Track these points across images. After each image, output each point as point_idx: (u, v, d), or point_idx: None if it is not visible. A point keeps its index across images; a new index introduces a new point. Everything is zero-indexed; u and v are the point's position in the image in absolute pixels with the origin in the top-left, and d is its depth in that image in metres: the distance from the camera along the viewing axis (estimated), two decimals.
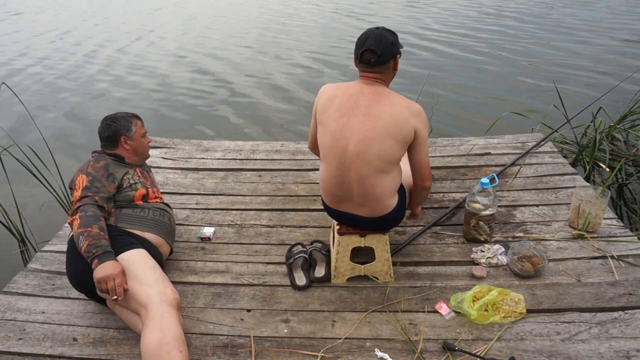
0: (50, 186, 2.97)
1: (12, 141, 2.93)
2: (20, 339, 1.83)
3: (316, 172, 2.95)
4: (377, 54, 1.72)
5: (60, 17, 10.51)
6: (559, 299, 1.90)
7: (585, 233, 2.24)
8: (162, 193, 2.44)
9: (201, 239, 2.38)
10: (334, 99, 1.81)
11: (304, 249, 2.17)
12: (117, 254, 1.75)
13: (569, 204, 2.41)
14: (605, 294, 1.91)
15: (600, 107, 3.36)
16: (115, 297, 1.64)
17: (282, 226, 2.48)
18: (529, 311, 1.84)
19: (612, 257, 2.10)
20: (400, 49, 1.80)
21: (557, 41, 6.98)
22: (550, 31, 7.54)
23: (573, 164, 3.15)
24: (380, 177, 1.80)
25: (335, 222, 2.06)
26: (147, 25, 9.28)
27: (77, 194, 1.86)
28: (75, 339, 1.83)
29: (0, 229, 2.87)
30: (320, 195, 2.58)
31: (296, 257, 2.11)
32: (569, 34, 7.33)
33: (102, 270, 1.65)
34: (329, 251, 2.17)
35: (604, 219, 2.31)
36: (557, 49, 6.61)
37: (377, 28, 1.77)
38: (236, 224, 2.50)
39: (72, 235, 1.83)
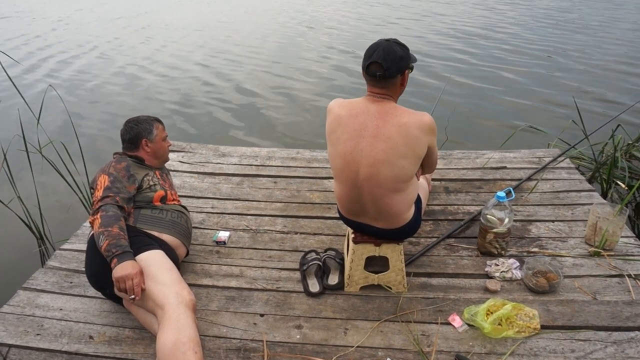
0: (72, 186, 3.03)
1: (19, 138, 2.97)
2: (38, 334, 1.87)
3: (331, 180, 2.97)
4: (384, 68, 1.64)
5: (36, 22, 10.61)
6: (574, 316, 1.88)
7: (602, 251, 2.22)
8: (179, 196, 2.48)
9: (216, 242, 2.41)
10: (340, 119, 1.74)
11: (318, 256, 2.18)
12: (135, 254, 1.78)
13: (586, 220, 2.39)
14: (621, 313, 1.89)
15: (619, 125, 3.34)
16: (133, 296, 1.67)
17: (296, 233, 2.50)
18: (543, 327, 1.83)
19: (629, 275, 2.08)
20: (413, 64, 1.73)
21: (576, 57, 6.95)
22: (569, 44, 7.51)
23: (589, 181, 3.12)
24: (395, 197, 1.78)
25: (350, 231, 2.08)
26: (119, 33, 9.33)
27: (99, 193, 1.90)
28: (91, 337, 1.86)
29: (20, 226, 2.93)
30: (335, 204, 2.61)
31: (310, 264, 2.12)
32: (590, 49, 7.30)
33: (121, 270, 1.68)
34: (342, 259, 2.18)
35: (622, 237, 2.28)
36: (576, 65, 6.58)
37: (387, 40, 1.68)
38: (251, 229, 2.53)
39: (92, 234, 1.87)
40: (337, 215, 2.16)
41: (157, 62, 7.35)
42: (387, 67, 1.64)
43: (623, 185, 3.04)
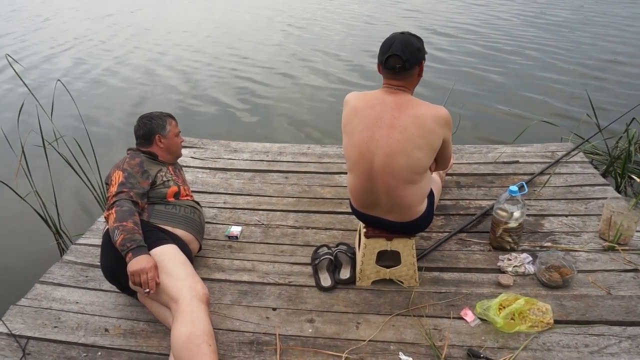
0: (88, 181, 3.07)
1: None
2: (55, 326, 1.90)
3: (342, 175, 2.97)
4: (403, 60, 1.65)
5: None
6: (588, 311, 1.87)
7: (616, 245, 2.20)
8: (191, 192, 2.50)
9: (228, 237, 2.43)
10: (357, 110, 1.76)
11: (330, 251, 2.19)
12: (149, 248, 1.80)
13: (600, 215, 2.37)
14: (636, 308, 1.87)
15: (634, 118, 3.29)
16: (147, 290, 1.69)
17: (307, 228, 2.51)
18: (556, 322, 1.82)
19: None
20: (425, 54, 1.75)
21: (591, 49, 6.85)
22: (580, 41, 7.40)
23: (604, 175, 3.09)
24: (408, 188, 1.78)
25: (361, 225, 2.08)
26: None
27: (113, 189, 1.92)
28: (106, 330, 1.89)
29: (37, 220, 2.98)
30: (346, 199, 2.61)
31: (322, 258, 2.13)
32: (602, 44, 7.19)
33: (136, 264, 1.70)
34: (354, 254, 2.18)
35: (636, 231, 2.26)
36: (589, 58, 6.49)
37: (402, 33, 1.71)
38: (263, 224, 2.54)
39: (107, 229, 1.90)
40: (349, 210, 2.17)
41: (159, 61, 7.36)
42: (406, 59, 1.66)
43: (638, 179, 3.00)
